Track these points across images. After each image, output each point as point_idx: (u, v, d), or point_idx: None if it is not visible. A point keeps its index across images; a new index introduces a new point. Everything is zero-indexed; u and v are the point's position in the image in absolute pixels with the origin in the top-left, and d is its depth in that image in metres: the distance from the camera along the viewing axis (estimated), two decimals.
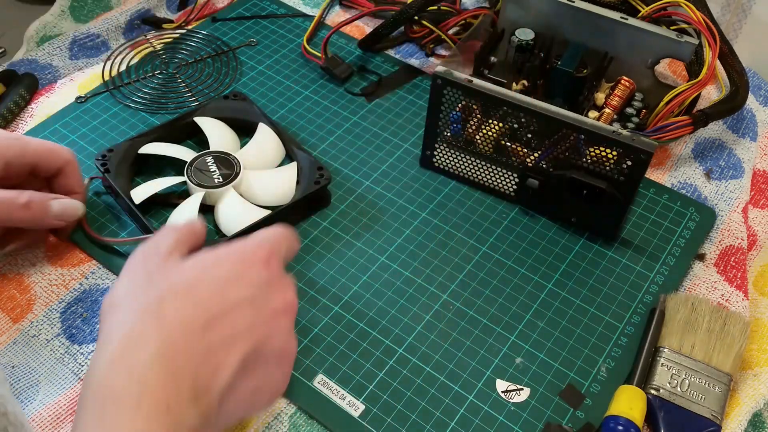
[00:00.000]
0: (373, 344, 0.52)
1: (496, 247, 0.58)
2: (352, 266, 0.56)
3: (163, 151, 0.59)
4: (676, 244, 0.59)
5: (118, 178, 0.57)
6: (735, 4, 0.75)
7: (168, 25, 0.75)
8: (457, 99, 0.57)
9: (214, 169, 0.58)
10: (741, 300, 0.55)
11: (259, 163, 0.60)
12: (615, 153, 0.53)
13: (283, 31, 0.75)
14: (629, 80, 0.64)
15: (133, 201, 0.55)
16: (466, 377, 0.50)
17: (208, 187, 0.57)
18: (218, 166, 0.58)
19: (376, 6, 0.74)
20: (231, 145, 0.61)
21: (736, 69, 0.66)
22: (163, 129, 0.61)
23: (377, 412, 0.48)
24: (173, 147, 0.60)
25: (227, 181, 0.57)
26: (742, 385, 0.51)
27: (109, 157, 0.58)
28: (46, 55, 0.70)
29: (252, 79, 0.70)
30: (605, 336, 0.53)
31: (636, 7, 0.66)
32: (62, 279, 0.54)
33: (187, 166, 0.58)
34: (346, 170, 0.63)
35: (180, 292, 0.40)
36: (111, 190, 0.58)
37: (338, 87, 0.70)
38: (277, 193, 0.58)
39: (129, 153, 0.59)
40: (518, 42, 0.64)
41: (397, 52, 0.73)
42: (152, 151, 0.59)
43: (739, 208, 0.61)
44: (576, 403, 0.49)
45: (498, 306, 0.54)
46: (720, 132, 0.67)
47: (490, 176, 0.60)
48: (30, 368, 0.49)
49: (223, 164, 0.58)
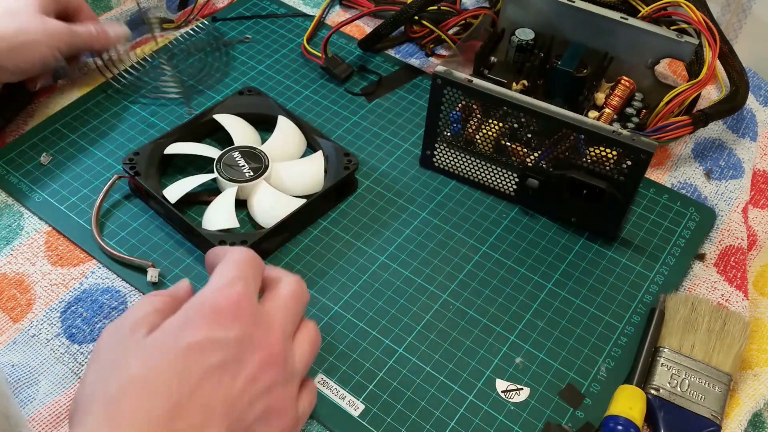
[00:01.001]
0: (372, 344, 0.52)
1: (496, 247, 0.58)
2: (351, 266, 0.56)
3: (190, 150, 0.60)
4: (676, 244, 0.59)
5: (148, 180, 0.57)
6: (735, 4, 0.75)
7: (168, 25, 0.75)
8: (457, 99, 0.57)
9: (243, 164, 0.58)
10: (741, 300, 0.55)
11: (284, 155, 0.61)
12: (615, 153, 0.53)
13: (283, 31, 0.75)
14: (629, 80, 0.64)
15: (169, 201, 0.56)
16: (465, 377, 0.50)
17: (240, 182, 0.57)
18: (246, 160, 0.58)
19: (376, 6, 0.74)
20: (253, 139, 0.62)
21: (736, 69, 0.66)
22: (183, 129, 0.61)
23: (377, 412, 0.48)
24: (198, 146, 0.61)
25: (258, 174, 0.58)
26: (742, 385, 0.51)
27: (136, 159, 0.58)
28: None
29: (252, 78, 0.70)
30: (605, 336, 0.53)
31: (636, 7, 0.66)
32: (62, 279, 0.54)
33: (216, 162, 0.58)
34: None
35: (137, 382, 0.35)
36: (141, 193, 0.58)
37: (338, 87, 0.70)
38: (307, 182, 0.59)
39: (155, 154, 0.59)
40: (518, 42, 0.64)
41: (397, 52, 0.73)
42: (179, 150, 0.60)
43: (739, 208, 0.61)
44: (576, 403, 0.49)
45: (498, 306, 0.54)
46: (720, 132, 0.67)
47: (490, 176, 0.60)
48: (30, 368, 0.49)
49: (251, 158, 0.59)
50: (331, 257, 0.56)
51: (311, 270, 0.55)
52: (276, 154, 0.60)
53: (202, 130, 0.63)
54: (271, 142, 0.61)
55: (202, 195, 0.59)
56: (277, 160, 0.60)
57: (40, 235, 0.56)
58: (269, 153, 0.59)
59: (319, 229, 0.58)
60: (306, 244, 0.57)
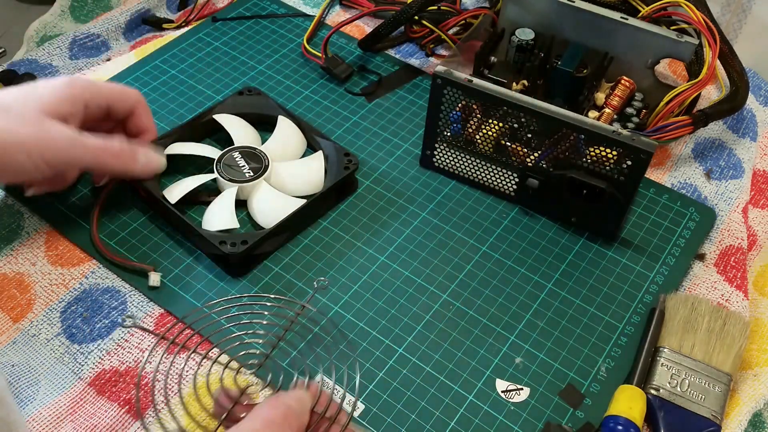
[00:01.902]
0: (372, 344, 0.52)
1: (496, 247, 0.58)
2: (351, 266, 0.56)
3: (190, 150, 0.60)
4: (676, 244, 0.59)
5: (148, 180, 0.56)
6: (735, 4, 0.75)
7: (168, 25, 0.75)
8: (457, 99, 0.57)
9: (243, 164, 0.58)
10: (741, 300, 0.55)
11: (284, 155, 0.61)
12: (615, 153, 0.53)
13: (283, 31, 0.75)
14: (629, 80, 0.64)
15: (169, 201, 0.55)
16: (465, 377, 0.50)
17: (240, 182, 0.57)
18: (247, 160, 0.58)
19: (376, 6, 0.74)
20: (252, 139, 0.62)
21: (736, 69, 0.66)
22: (183, 129, 0.61)
23: (377, 412, 0.48)
24: (198, 146, 0.60)
25: (258, 174, 0.58)
26: (742, 385, 0.51)
27: None
28: (46, 55, 0.70)
29: (252, 78, 0.70)
30: (605, 336, 0.53)
31: (636, 7, 0.66)
32: (62, 279, 0.54)
33: (216, 162, 0.58)
34: None
35: None
36: (140, 192, 0.58)
37: (338, 87, 0.70)
38: (307, 182, 0.59)
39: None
40: (518, 42, 0.64)
41: (397, 52, 0.73)
42: (178, 151, 0.59)
43: (739, 208, 0.61)
44: (576, 403, 0.49)
45: (498, 306, 0.54)
46: (720, 132, 0.67)
47: (490, 176, 0.60)
48: (30, 368, 0.49)
49: (251, 158, 0.58)
50: (331, 257, 0.56)
51: (311, 270, 0.55)
52: (276, 154, 0.60)
53: (202, 130, 0.63)
54: (271, 142, 0.61)
55: (202, 195, 0.58)
56: (277, 160, 0.60)
57: (40, 235, 0.56)
58: (269, 153, 0.59)
59: (319, 229, 0.58)
60: (306, 244, 0.57)
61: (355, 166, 0.59)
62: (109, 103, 0.53)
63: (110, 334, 0.51)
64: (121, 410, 0.47)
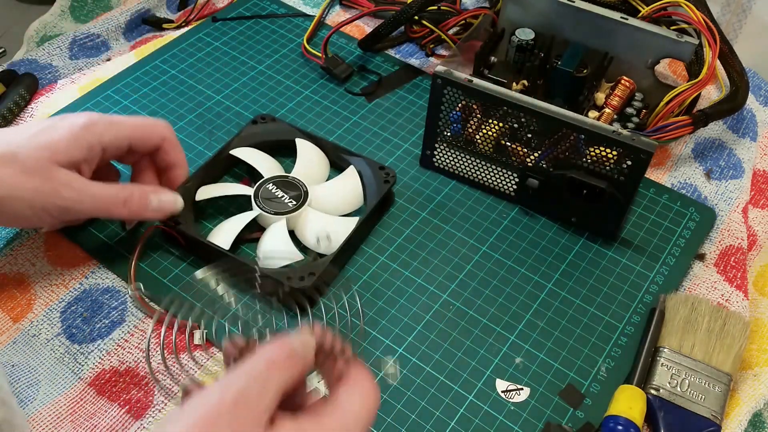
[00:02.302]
0: (372, 344, 0.52)
1: (496, 247, 0.58)
2: (351, 266, 0.56)
3: (221, 191, 0.57)
4: (676, 244, 0.59)
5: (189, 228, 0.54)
6: (735, 4, 0.75)
7: (168, 25, 0.75)
8: (457, 99, 0.57)
9: (282, 194, 0.56)
10: (741, 300, 0.55)
11: (314, 178, 0.59)
12: (615, 153, 0.53)
13: (283, 31, 0.75)
14: (629, 80, 0.64)
15: (223, 248, 0.53)
16: (466, 377, 0.50)
17: (286, 213, 0.55)
18: (284, 190, 0.56)
19: (376, 6, 0.74)
20: (275, 167, 0.60)
21: (736, 69, 0.66)
22: (205, 170, 0.58)
23: (377, 412, 0.48)
24: (229, 186, 0.58)
25: (301, 202, 0.56)
26: (742, 385, 0.51)
27: None
28: (46, 55, 0.70)
29: (252, 78, 0.70)
30: (605, 336, 0.53)
31: (636, 7, 0.66)
32: (62, 279, 0.54)
33: (254, 198, 0.56)
34: None
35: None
36: (184, 241, 0.55)
37: (338, 87, 0.70)
38: (347, 201, 0.58)
39: (186, 200, 0.55)
40: (518, 42, 0.64)
41: (397, 52, 0.73)
42: (210, 194, 0.57)
43: (739, 208, 0.61)
44: (576, 403, 0.49)
45: (498, 306, 0.54)
46: (720, 132, 0.67)
47: (490, 176, 0.60)
48: (30, 368, 0.49)
49: (287, 187, 0.56)
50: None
51: None
52: (307, 177, 0.58)
53: (222, 167, 0.60)
54: (298, 167, 0.59)
55: (246, 234, 0.55)
56: (310, 183, 0.58)
57: (40, 235, 0.56)
58: (301, 178, 0.57)
59: None
60: None
61: (393, 179, 0.58)
62: (132, 142, 0.52)
63: (110, 334, 0.51)
64: (121, 410, 0.47)
